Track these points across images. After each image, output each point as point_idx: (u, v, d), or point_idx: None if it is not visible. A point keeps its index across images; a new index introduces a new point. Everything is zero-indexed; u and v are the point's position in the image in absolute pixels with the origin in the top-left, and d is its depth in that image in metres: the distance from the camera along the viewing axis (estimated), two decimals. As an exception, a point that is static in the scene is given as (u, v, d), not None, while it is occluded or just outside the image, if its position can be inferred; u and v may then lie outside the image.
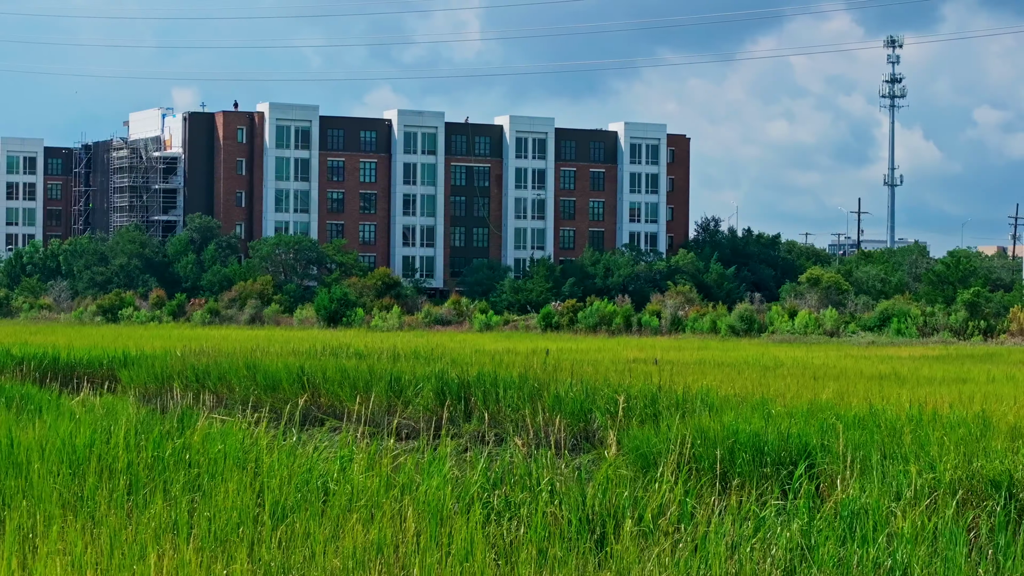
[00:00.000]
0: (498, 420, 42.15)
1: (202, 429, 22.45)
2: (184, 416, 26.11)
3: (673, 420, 28.63)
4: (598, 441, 38.65)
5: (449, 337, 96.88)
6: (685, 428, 27.08)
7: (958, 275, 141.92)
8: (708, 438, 25.98)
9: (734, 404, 35.41)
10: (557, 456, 41.58)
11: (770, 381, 46.75)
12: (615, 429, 24.40)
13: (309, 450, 22.18)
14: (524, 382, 42.06)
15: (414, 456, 21.10)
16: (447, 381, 43.65)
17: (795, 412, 33.01)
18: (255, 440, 22.45)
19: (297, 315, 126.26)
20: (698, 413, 33.28)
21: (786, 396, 38.28)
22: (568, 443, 39.88)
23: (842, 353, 77.98)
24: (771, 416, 28.18)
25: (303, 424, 50.00)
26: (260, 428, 23.37)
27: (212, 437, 21.69)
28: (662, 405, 36.28)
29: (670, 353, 72.81)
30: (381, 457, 20.97)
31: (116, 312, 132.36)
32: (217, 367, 50.99)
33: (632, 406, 37.00)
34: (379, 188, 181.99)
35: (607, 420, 37.69)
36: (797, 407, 33.96)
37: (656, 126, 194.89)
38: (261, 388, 48.66)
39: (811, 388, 44.27)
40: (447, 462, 20.41)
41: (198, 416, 24.03)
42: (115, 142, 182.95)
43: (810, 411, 32.85)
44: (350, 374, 46.40)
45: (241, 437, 21.65)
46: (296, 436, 24.91)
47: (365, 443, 21.92)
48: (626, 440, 27.87)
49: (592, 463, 38.41)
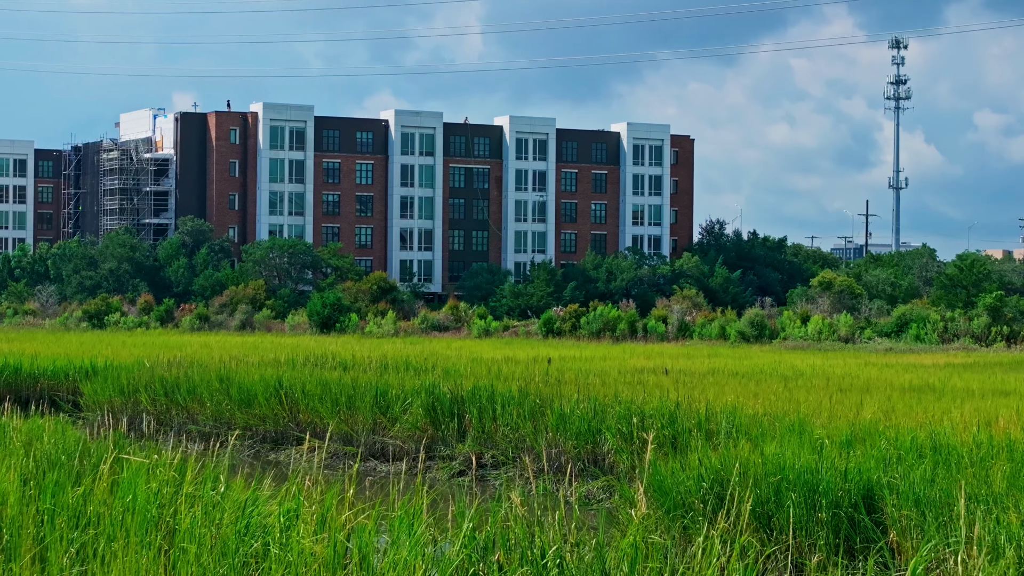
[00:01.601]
0: (495, 441, 37.67)
1: (108, 474, 17.75)
2: (94, 452, 21.46)
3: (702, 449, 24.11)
4: (608, 466, 34.16)
5: (446, 344, 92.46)
6: (718, 460, 22.58)
7: (972, 279, 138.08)
8: (747, 474, 21.45)
9: (764, 425, 30.92)
10: (564, 483, 37.15)
11: (796, 395, 42.30)
12: (642, 477, 19.80)
13: (246, 499, 17.62)
14: (524, 397, 37.55)
15: (377, 510, 16.55)
16: (438, 396, 39.14)
17: (834, 435, 28.54)
18: (179, 487, 17.84)
19: (289, 321, 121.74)
20: (726, 437, 28.79)
21: (821, 414, 33.81)
22: (575, 467, 35.38)
23: (861, 361, 73.75)
24: (823, 447, 23.59)
25: (279, 443, 45.62)
26: (191, 469, 18.75)
27: (123, 485, 17.05)
28: (682, 426, 31.81)
29: (680, 361, 68.48)
30: (339, 509, 16.44)
31: (102, 318, 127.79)
32: (188, 380, 46.46)
33: (648, 426, 32.52)
34: (376, 190, 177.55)
35: (619, 442, 33.21)
36: (837, 430, 29.48)
37: (659, 127, 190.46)
38: (235, 403, 44.14)
39: (841, 402, 39.86)
40: (422, 520, 15.85)
41: (109, 452, 19.26)
42: (105, 143, 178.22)
43: (853, 434, 28.38)
44: (332, 388, 41.86)
45: (156, 487, 17.01)
46: (244, 472, 20.32)
47: (320, 491, 17.30)
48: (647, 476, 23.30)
49: (605, 494, 33.95)
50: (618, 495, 25.24)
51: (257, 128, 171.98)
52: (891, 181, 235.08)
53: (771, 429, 30.02)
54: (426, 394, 39.32)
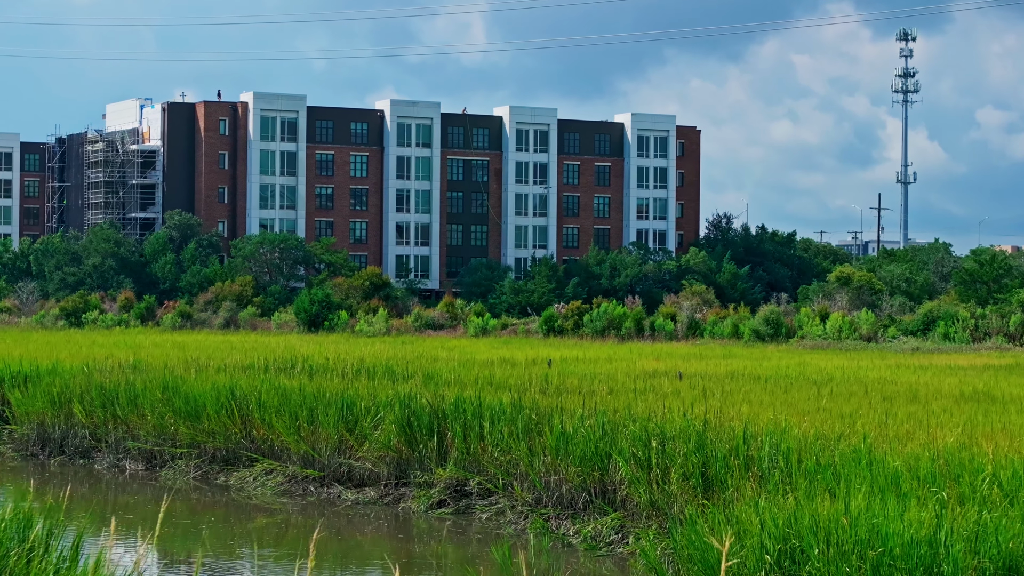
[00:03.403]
0: (482, 464, 31.19)
1: None
2: None
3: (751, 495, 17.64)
4: (621, 500, 27.64)
5: (439, 344, 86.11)
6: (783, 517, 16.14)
7: (992, 274, 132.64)
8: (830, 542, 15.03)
9: (816, 449, 24.49)
10: (566, 518, 30.67)
11: (838, 406, 35.94)
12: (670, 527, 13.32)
13: None
14: (518, 412, 31.04)
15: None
16: (415, 410, 32.64)
17: (914, 467, 22.13)
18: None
19: (275, 319, 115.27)
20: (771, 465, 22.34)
21: (881, 432, 27.40)
22: (578, 499, 28.90)
23: (891, 363, 67.59)
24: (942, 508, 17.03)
25: (231, 464, 39.28)
26: None
27: None
28: (714, 451, 25.37)
29: (693, 363, 62.25)
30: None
31: (80, 316, 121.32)
32: (129, 388, 39.96)
33: (670, 451, 26.10)
34: (371, 183, 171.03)
35: (634, 470, 26.74)
36: (912, 457, 23.07)
37: (665, 117, 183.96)
38: (180, 416, 37.66)
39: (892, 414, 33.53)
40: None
41: None
42: (90, 135, 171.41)
43: (937, 467, 21.98)
44: (291, 399, 35.35)
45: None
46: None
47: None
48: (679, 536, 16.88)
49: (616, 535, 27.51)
50: (638, 552, 18.77)
51: (247, 118, 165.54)
52: (899, 176, 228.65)
53: (827, 456, 23.58)
54: (401, 407, 32.82)
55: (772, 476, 23.02)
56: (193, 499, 35.31)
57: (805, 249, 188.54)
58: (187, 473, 36.94)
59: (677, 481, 25.28)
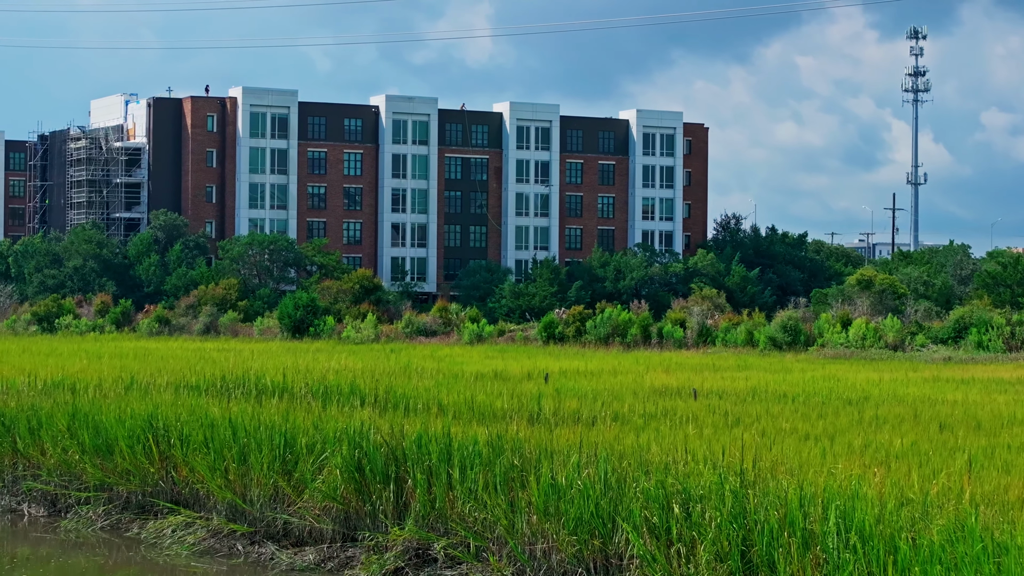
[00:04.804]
0: (450, 521, 24.24)
1: None
2: None
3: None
4: (630, 584, 20.70)
5: (430, 352, 79.30)
6: None
7: (1016, 277, 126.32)
8: None
9: (901, 522, 17.67)
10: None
11: (892, 440, 29.23)
12: None
13: None
14: (498, 455, 24.09)
15: None
16: (368, 451, 25.69)
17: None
18: None
19: (258, 325, 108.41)
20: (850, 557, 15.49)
21: (984, 491, 20.57)
22: (573, 575, 21.94)
23: (926, 375, 60.83)
24: None
25: (146, 512, 32.48)
26: None
27: None
28: (757, 522, 18.47)
29: (708, 377, 55.46)
30: None
31: (53, 321, 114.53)
32: (32, 416, 33.05)
33: (697, 519, 19.21)
34: (365, 182, 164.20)
35: (648, 543, 19.82)
36: None
37: (671, 114, 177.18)
38: (88, 452, 30.76)
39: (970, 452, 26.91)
40: None
41: None
42: (72, 132, 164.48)
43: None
44: (219, 432, 28.40)
45: None
46: None
47: None
48: None
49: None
50: None
51: (236, 114, 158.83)
52: (909, 176, 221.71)
53: (923, 536, 16.69)
54: (350, 445, 25.87)
55: (844, 564, 16.24)
56: (98, 555, 28.50)
57: (817, 251, 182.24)
58: (94, 522, 30.05)
59: (707, 563, 18.43)
